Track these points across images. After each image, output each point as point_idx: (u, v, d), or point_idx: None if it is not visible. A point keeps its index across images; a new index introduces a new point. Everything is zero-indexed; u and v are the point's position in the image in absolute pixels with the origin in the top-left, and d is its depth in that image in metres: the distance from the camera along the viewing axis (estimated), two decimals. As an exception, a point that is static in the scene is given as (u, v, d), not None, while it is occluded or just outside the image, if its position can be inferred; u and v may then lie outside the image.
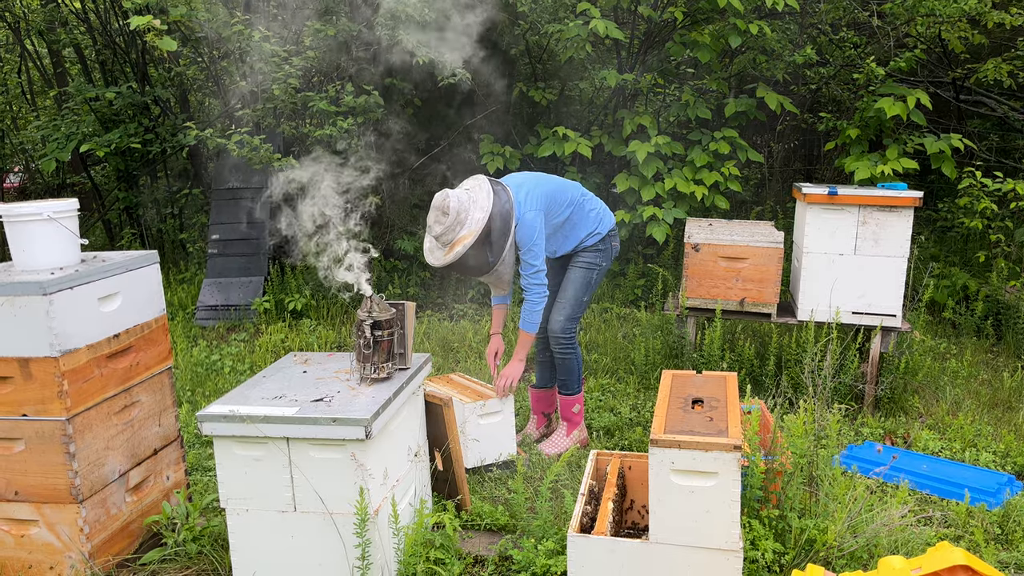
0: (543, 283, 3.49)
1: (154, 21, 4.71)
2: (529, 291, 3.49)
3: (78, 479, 2.66)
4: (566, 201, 3.61)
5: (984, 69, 6.05)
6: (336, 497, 2.49)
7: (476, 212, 3.28)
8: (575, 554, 2.43)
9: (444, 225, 3.26)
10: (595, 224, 3.70)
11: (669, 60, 6.82)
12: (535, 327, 3.55)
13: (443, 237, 3.29)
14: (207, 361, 5.10)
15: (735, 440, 2.26)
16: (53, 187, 8.66)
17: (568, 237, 3.68)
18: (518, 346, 3.60)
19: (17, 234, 2.75)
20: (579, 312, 3.71)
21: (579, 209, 3.65)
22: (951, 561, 1.84)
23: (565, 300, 3.69)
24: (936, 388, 4.46)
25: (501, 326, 3.74)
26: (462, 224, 3.27)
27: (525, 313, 3.53)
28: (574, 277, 3.70)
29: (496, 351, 3.70)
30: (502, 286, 3.57)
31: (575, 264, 3.72)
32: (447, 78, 5.54)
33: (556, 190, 3.60)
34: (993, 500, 3.20)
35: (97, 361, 2.74)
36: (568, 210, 3.61)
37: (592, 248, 3.70)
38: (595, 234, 3.69)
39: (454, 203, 3.26)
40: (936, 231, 6.72)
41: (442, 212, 3.26)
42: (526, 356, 3.61)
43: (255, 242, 6.50)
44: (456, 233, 3.28)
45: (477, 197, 3.33)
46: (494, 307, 3.76)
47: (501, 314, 3.74)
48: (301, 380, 2.79)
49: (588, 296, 3.73)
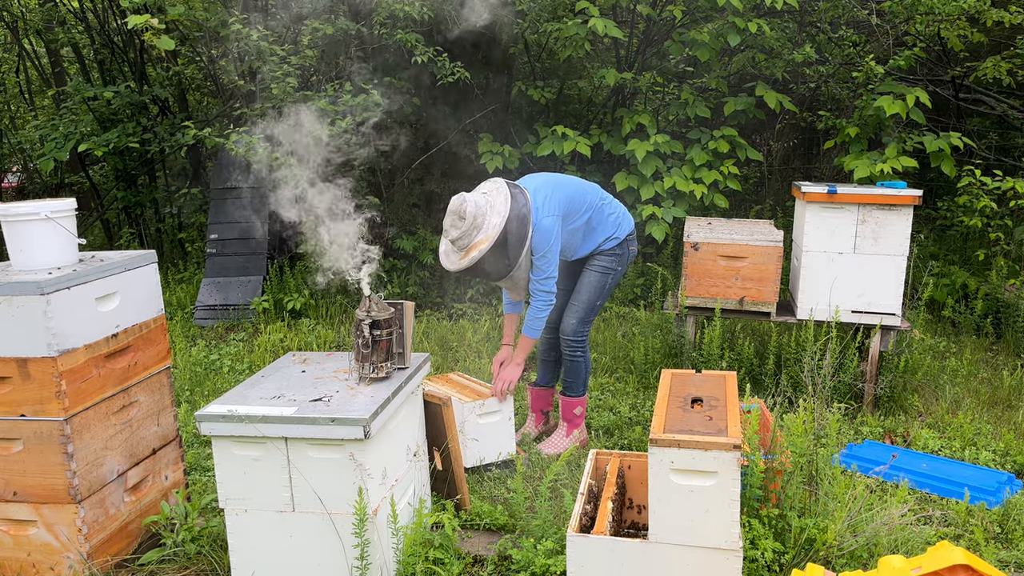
0: (551, 290, 3.44)
1: (152, 20, 4.70)
2: (536, 296, 3.45)
3: (76, 479, 2.66)
4: (585, 205, 3.55)
5: (983, 67, 6.05)
6: (335, 497, 2.49)
7: (493, 217, 3.22)
8: (574, 554, 2.43)
9: (461, 230, 3.22)
10: (614, 228, 3.65)
11: (668, 58, 6.82)
12: (537, 333, 3.52)
13: (459, 241, 3.24)
14: (206, 361, 5.10)
15: (735, 439, 2.25)
16: (51, 187, 8.65)
17: (586, 241, 3.62)
18: (518, 350, 3.58)
19: (15, 234, 2.74)
20: (591, 316, 3.68)
21: (598, 213, 3.60)
22: (951, 560, 1.83)
23: (579, 303, 3.65)
24: (936, 387, 4.46)
25: (512, 336, 3.68)
26: (479, 229, 3.22)
27: (528, 318, 3.50)
28: (589, 281, 3.65)
29: (503, 361, 3.65)
30: (518, 291, 3.50)
31: (591, 267, 3.66)
32: (446, 77, 5.54)
33: (576, 194, 3.54)
34: (993, 499, 3.20)
35: (95, 361, 2.74)
36: (587, 214, 3.56)
37: (609, 252, 3.65)
38: (613, 238, 3.64)
39: (471, 207, 3.21)
40: (935, 229, 6.72)
41: (459, 216, 3.21)
42: (525, 360, 3.59)
43: (254, 241, 6.50)
44: (473, 238, 3.23)
45: (495, 201, 3.27)
46: (506, 316, 3.72)
47: (512, 323, 3.69)
48: (300, 380, 2.78)
49: (602, 301, 3.69)
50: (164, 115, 7.43)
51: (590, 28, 5.55)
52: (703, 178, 5.82)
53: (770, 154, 7.75)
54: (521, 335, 3.55)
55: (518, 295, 3.54)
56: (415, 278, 6.39)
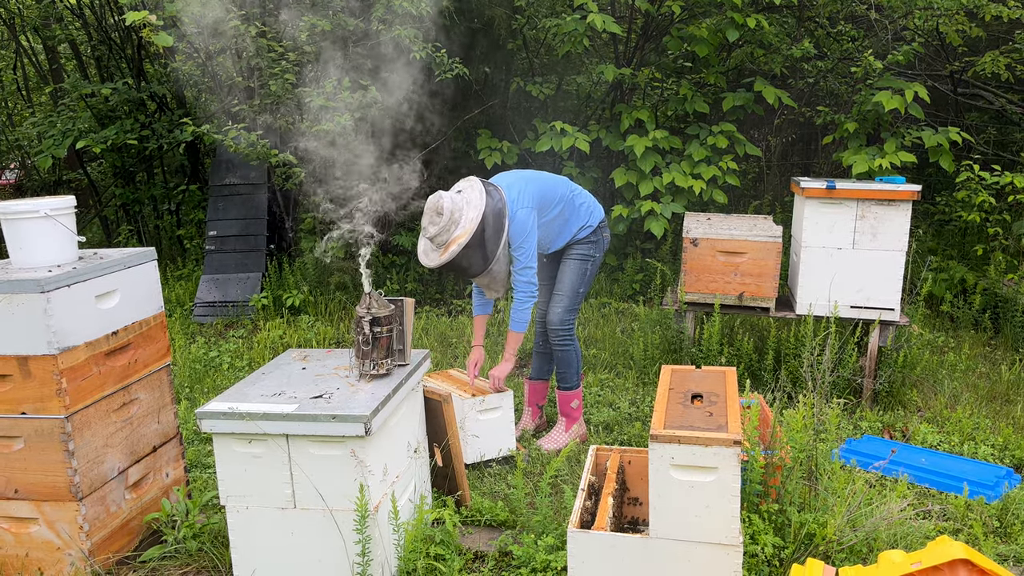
0: (532, 281, 3.50)
1: (150, 16, 4.69)
2: (517, 288, 3.51)
3: (77, 477, 2.66)
4: (557, 197, 3.63)
5: (982, 62, 6.04)
6: (336, 494, 2.49)
7: (470, 211, 3.29)
8: (575, 549, 2.43)
9: (439, 226, 3.26)
10: (586, 217, 3.73)
11: (667, 54, 6.81)
12: (522, 326, 3.56)
13: (438, 238, 3.29)
14: (206, 358, 5.10)
15: (735, 435, 2.26)
16: (49, 184, 8.63)
17: (561, 233, 3.70)
18: (507, 346, 3.61)
19: (14, 232, 2.74)
20: (576, 304, 3.73)
21: (569, 204, 3.68)
22: (951, 555, 1.84)
23: (562, 292, 3.71)
24: (934, 381, 4.47)
25: (483, 338, 3.77)
26: (456, 224, 3.27)
27: (513, 312, 3.55)
28: (569, 269, 3.73)
29: (476, 362, 3.71)
30: (496, 287, 3.55)
31: (569, 256, 3.74)
32: (444, 72, 5.53)
33: (547, 187, 3.62)
34: (992, 493, 3.21)
35: (95, 359, 2.74)
36: (559, 206, 3.64)
37: (584, 240, 3.73)
38: (587, 227, 3.73)
39: (447, 203, 3.27)
40: (934, 224, 6.72)
41: (436, 212, 3.27)
42: (514, 356, 3.61)
43: (253, 238, 6.49)
44: (451, 233, 3.28)
45: (470, 197, 3.34)
46: (475, 317, 3.76)
47: (482, 324, 3.77)
48: (300, 377, 2.79)
49: (585, 288, 3.75)
50: (162, 112, 7.41)
51: (588, 23, 5.54)
52: (702, 174, 5.81)
53: (769, 149, 7.75)
54: (508, 331, 3.58)
55: (496, 291, 3.59)
56: (414, 274, 6.39)
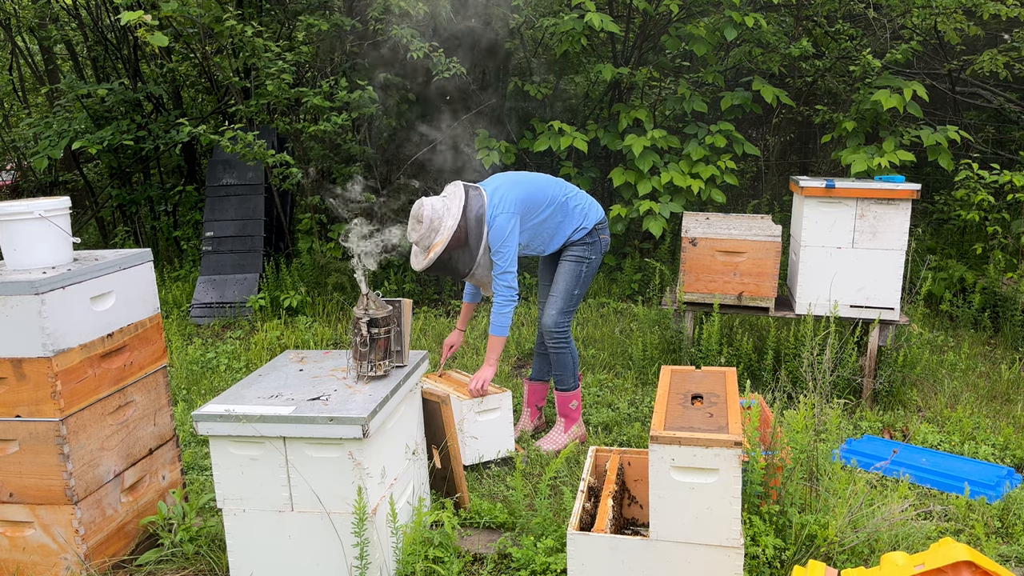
0: (511, 285, 3.51)
1: (145, 17, 4.67)
2: (497, 292, 3.53)
3: (73, 480, 2.64)
4: (547, 200, 3.63)
5: (980, 61, 6.04)
6: (334, 496, 2.47)
7: (448, 219, 3.40)
8: (575, 552, 2.41)
9: (419, 233, 3.40)
10: (581, 219, 3.72)
11: (665, 53, 6.80)
12: (503, 331, 3.55)
13: (420, 243, 3.44)
14: (202, 359, 5.07)
15: (736, 436, 2.24)
16: (45, 185, 8.59)
17: (555, 235, 3.70)
18: (488, 350, 3.60)
19: (8, 233, 2.72)
20: (571, 306, 3.72)
21: (562, 208, 3.67)
22: (954, 557, 1.82)
23: (556, 294, 3.71)
24: (934, 381, 4.46)
25: (465, 323, 3.92)
26: (436, 231, 3.40)
27: (493, 316, 3.55)
28: (564, 271, 3.72)
29: (452, 344, 3.86)
30: (485, 287, 3.62)
31: (564, 258, 3.74)
32: (442, 72, 5.51)
33: (534, 190, 3.62)
34: (993, 493, 3.20)
35: (91, 361, 2.72)
36: (549, 209, 3.63)
37: (580, 242, 3.73)
38: (582, 229, 3.72)
39: (427, 211, 3.39)
40: (933, 223, 6.71)
41: (417, 220, 3.41)
42: (497, 361, 3.61)
43: (250, 239, 6.47)
44: (431, 239, 3.41)
45: (451, 204, 3.44)
46: (464, 303, 3.93)
47: (469, 311, 3.92)
48: (297, 378, 2.77)
49: (580, 290, 3.74)
50: (158, 112, 7.38)
51: (586, 23, 5.52)
52: (700, 173, 5.80)
53: (767, 149, 7.74)
54: (489, 335, 3.58)
55: (488, 291, 3.66)
56: (412, 275, 6.37)
